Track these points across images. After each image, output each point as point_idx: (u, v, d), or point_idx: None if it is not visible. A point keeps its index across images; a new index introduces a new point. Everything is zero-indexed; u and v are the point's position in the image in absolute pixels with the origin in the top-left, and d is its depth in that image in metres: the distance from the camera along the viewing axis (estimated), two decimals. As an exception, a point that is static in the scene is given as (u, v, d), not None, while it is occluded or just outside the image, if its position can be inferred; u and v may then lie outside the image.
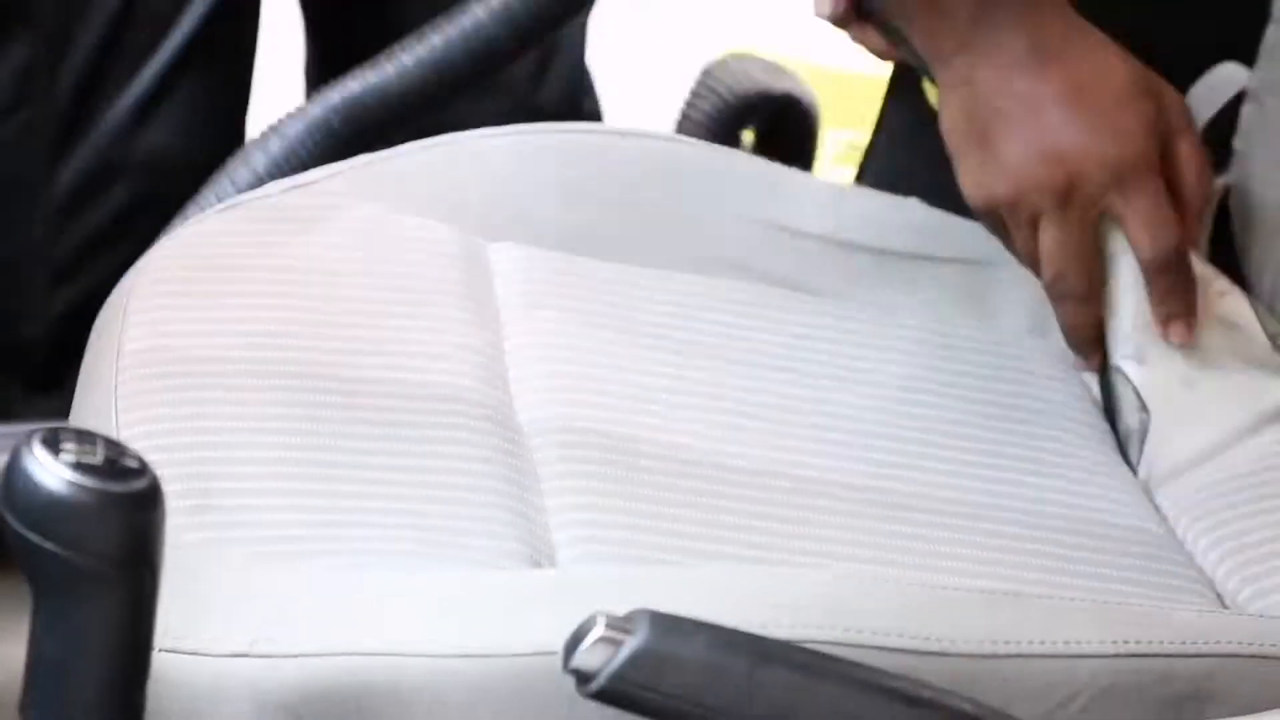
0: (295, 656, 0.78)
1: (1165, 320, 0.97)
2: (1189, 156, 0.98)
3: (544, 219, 1.04)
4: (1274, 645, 0.83)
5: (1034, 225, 0.97)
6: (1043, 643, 0.81)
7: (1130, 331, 0.98)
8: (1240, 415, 0.96)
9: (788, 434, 0.95)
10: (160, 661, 0.76)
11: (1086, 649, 0.81)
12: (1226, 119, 1.09)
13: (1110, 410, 0.99)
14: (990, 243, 1.07)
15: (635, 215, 1.04)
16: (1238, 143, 1.09)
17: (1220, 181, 1.10)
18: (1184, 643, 0.82)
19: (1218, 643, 0.83)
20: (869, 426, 0.96)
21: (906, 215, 1.06)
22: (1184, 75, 1.11)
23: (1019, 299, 1.06)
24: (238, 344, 0.93)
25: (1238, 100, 1.09)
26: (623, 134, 1.07)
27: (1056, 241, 0.97)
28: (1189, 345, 0.97)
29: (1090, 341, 0.99)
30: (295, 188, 1.02)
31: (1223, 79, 1.11)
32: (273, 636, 0.79)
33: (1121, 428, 0.98)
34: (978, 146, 0.97)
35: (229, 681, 0.78)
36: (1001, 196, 0.97)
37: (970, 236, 1.07)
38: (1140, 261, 0.97)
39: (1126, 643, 0.81)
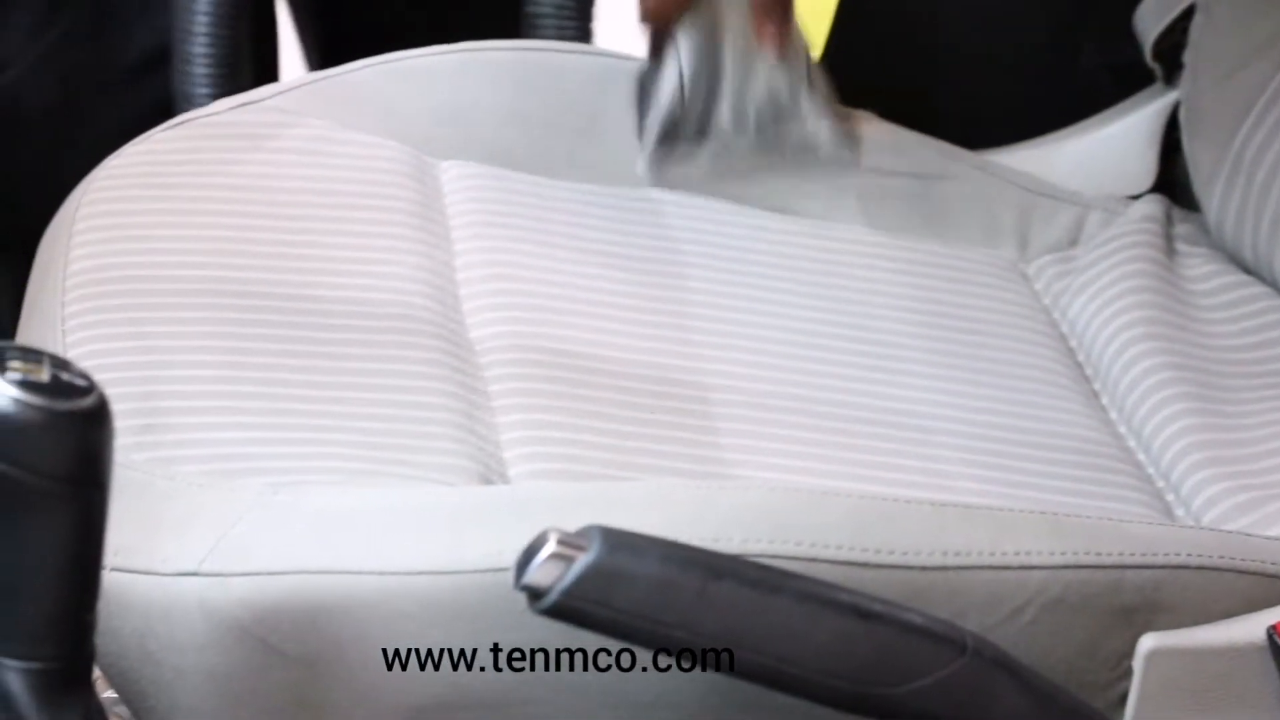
0: (246, 574, 0.78)
1: (760, 29, 1.01)
2: None
3: (494, 137, 1.04)
4: (1222, 557, 0.84)
5: None
6: (992, 554, 0.81)
7: (700, 26, 1.00)
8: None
9: (737, 348, 0.95)
10: (111, 580, 0.76)
11: (1036, 560, 0.81)
12: (1177, 32, 1.10)
13: (647, 86, 1.01)
14: (942, 158, 1.07)
15: (586, 132, 1.04)
16: (1187, 56, 1.09)
17: (1171, 95, 1.11)
18: (1133, 554, 0.83)
19: (1166, 554, 0.83)
20: (817, 340, 0.97)
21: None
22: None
23: (970, 212, 1.06)
24: (185, 262, 0.93)
25: (1187, 15, 1.09)
26: (574, 51, 1.06)
27: None
28: (773, 55, 1.01)
29: (662, 27, 1.01)
30: (242, 105, 1.02)
31: (1172, -7, 1.11)
32: (223, 554, 0.79)
33: (656, 104, 1.01)
34: None
35: (180, 599, 0.78)
36: None
37: (921, 149, 1.07)
38: None
39: (1076, 554, 0.82)
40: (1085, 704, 0.78)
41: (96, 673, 0.74)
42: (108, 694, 0.82)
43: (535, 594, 0.73)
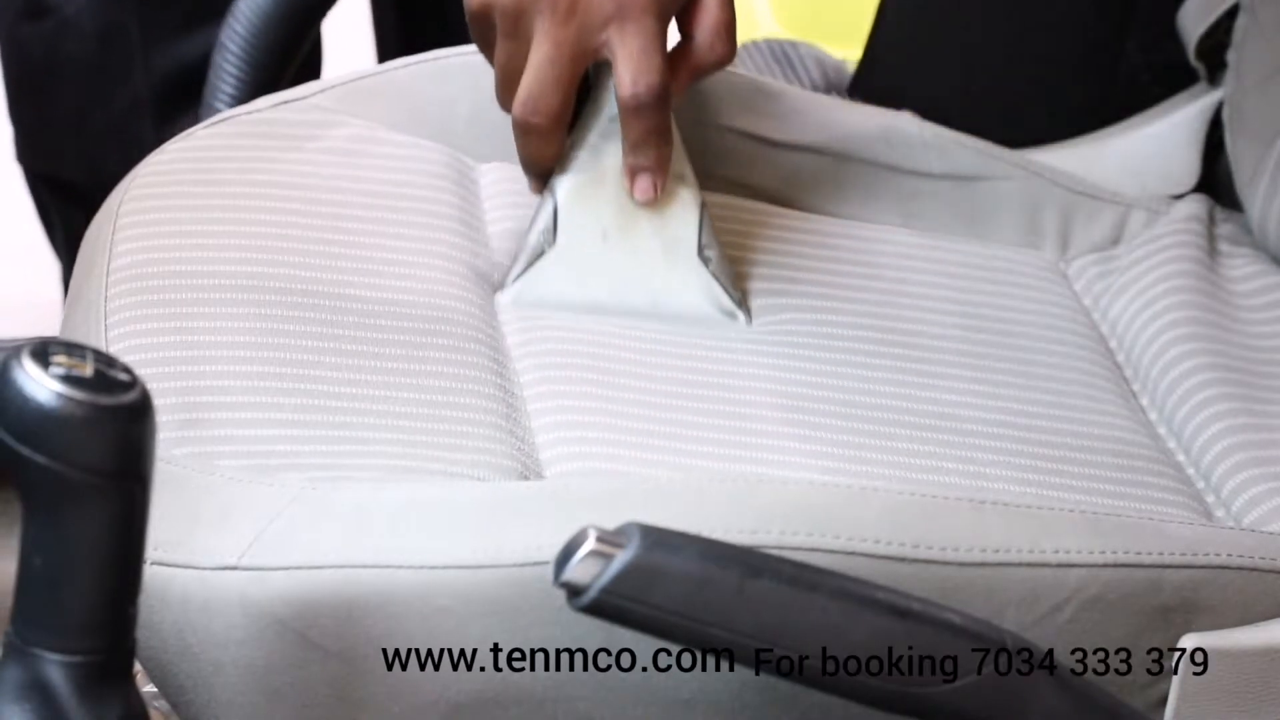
0: (285, 569, 0.79)
1: (633, 171, 0.94)
2: (714, 16, 0.94)
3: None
4: (1264, 559, 0.83)
5: (524, 40, 0.93)
6: (1031, 551, 0.81)
7: (582, 163, 0.95)
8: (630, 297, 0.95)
9: (774, 350, 0.95)
10: (151, 574, 0.76)
11: (1075, 558, 0.81)
12: (1220, 32, 1.09)
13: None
14: (983, 157, 1.07)
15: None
16: (1231, 55, 1.08)
17: (1215, 95, 1.10)
18: (1173, 554, 0.82)
19: (1207, 555, 0.83)
20: (855, 341, 0.96)
21: (899, 129, 1.06)
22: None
23: (1010, 212, 1.06)
24: (227, 259, 0.93)
25: (1231, 14, 1.09)
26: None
27: (543, 60, 0.92)
28: (645, 203, 0.94)
29: (543, 174, 0.96)
30: (284, 103, 1.02)
31: (1216, -8, 1.10)
32: (262, 549, 0.79)
33: (526, 241, 0.96)
34: None
35: (219, 593, 0.79)
36: (500, 1, 0.93)
37: (961, 149, 1.06)
38: (618, 99, 0.93)
39: (1115, 552, 0.82)
40: (1124, 704, 0.78)
41: (137, 666, 0.74)
42: (148, 688, 0.83)
43: (574, 591, 0.73)
